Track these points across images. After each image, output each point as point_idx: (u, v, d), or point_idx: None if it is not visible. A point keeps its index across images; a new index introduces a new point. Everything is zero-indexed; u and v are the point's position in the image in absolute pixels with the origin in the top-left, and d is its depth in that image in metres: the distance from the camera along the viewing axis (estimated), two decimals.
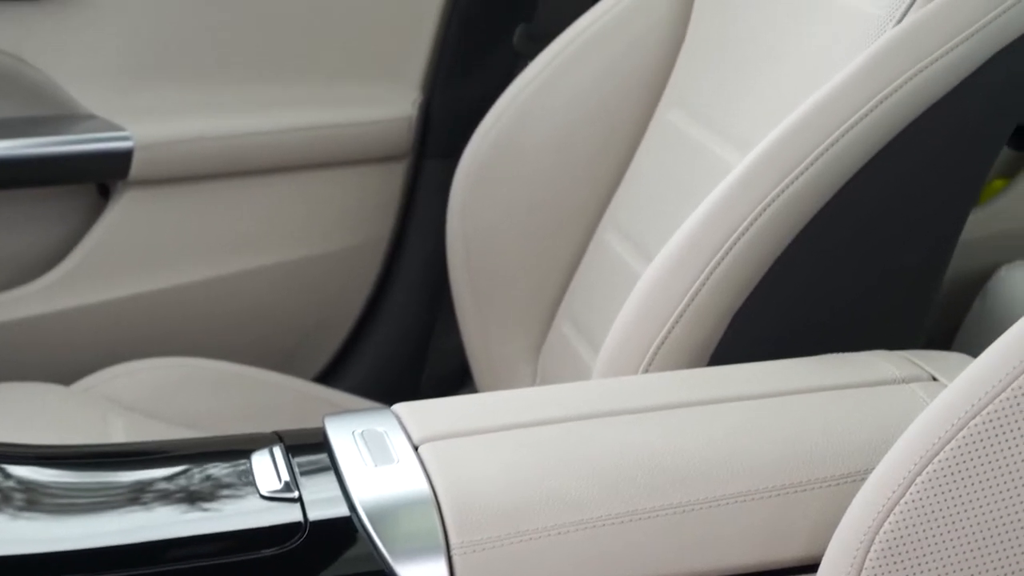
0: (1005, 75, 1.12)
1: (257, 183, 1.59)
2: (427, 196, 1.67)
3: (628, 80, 1.41)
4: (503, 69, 1.62)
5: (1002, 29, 1.08)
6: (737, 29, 1.29)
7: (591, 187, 1.43)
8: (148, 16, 1.49)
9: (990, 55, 1.08)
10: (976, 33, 1.07)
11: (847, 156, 1.05)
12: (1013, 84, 1.15)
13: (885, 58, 1.06)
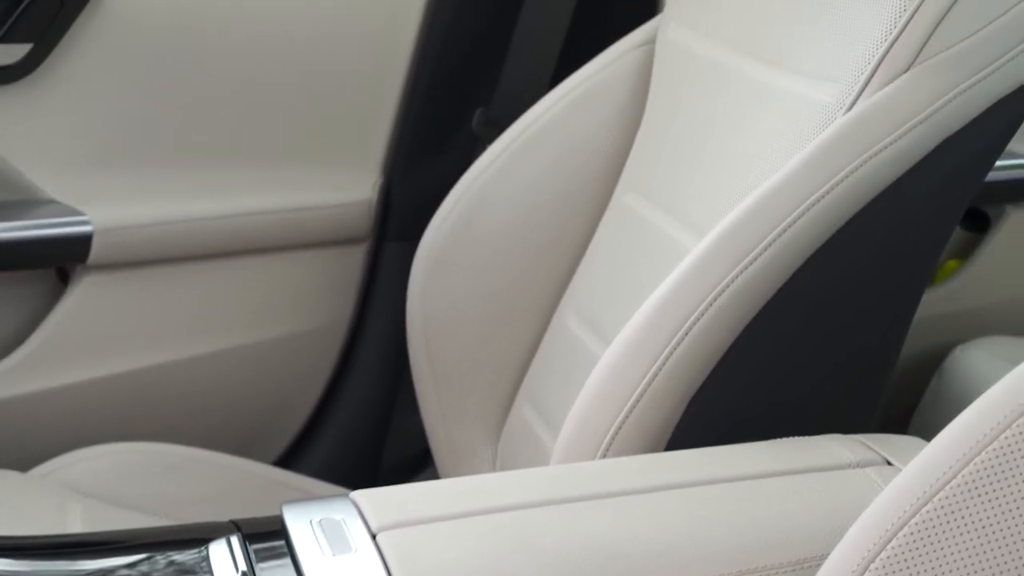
0: (955, 161, 1.14)
1: (216, 267, 1.59)
2: (387, 279, 1.67)
3: (585, 164, 1.42)
4: (462, 153, 1.63)
5: (949, 117, 1.10)
6: (691, 115, 1.31)
7: (550, 270, 1.44)
8: (108, 101, 1.50)
9: (939, 142, 1.10)
10: (924, 121, 1.09)
11: (800, 242, 1.06)
12: (963, 169, 1.17)
13: (836, 146, 1.08)
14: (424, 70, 1.61)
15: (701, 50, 1.32)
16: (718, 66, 1.29)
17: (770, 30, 1.24)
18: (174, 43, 1.51)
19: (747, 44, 1.26)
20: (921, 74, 1.09)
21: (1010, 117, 1.17)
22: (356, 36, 1.59)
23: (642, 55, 1.42)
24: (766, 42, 1.24)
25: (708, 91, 1.30)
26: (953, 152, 1.12)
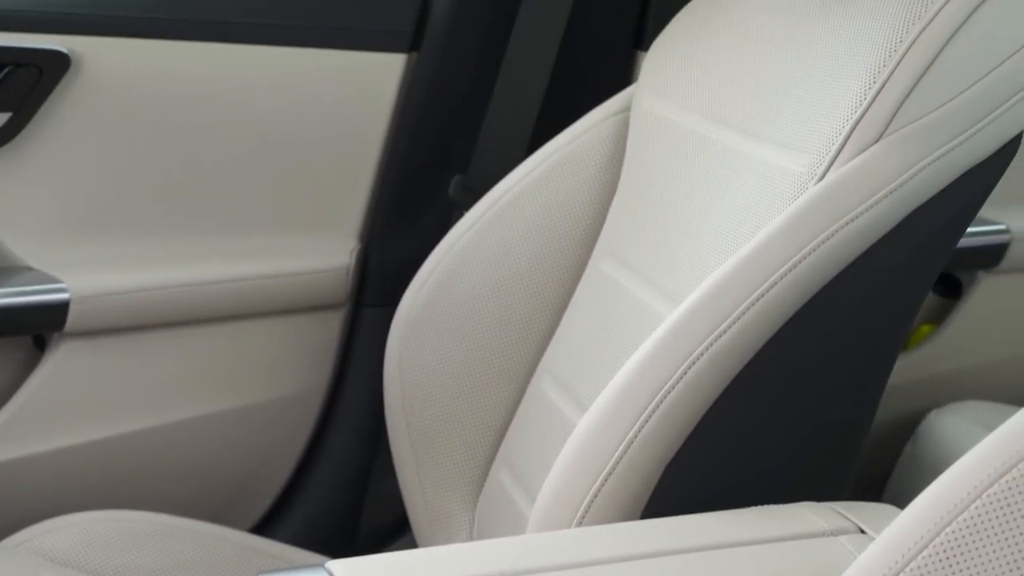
0: (925, 230, 1.15)
1: (193, 333, 1.59)
2: (364, 345, 1.68)
3: (562, 230, 1.43)
4: (439, 219, 1.64)
5: (919, 187, 1.11)
6: (665, 183, 1.32)
7: (527, 335, 1.45)
8: (86, 169, 1.51)
9: (909, 212, 1.12)
10: (894, 191, 1.10)
11: (772, 311, 1.07)
12: (934, 237, 1.18)
13: (807, 216, 1.09)
14: (402, 137, 1.63)
15: (675, 118, 1.33)
16: (692, 134, 1.31)
17: (743, 100, 1.26)
18: (152, 112, 1.52)
19: (720, 113, 1.28)
20: (891, 145, 1.11)
21: (980, 186, 1.18)
22: (334, 103, 1.60)
23: (617, 123, 1.43)
24: (739, 112, 1.26)
25: (682, 159, 1.32)
26: (924, 221, 1.14)
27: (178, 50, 1.51)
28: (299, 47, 1.56)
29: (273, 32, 1.55)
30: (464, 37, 1.61)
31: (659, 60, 1.40)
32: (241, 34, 1.53)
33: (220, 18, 1.53)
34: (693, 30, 1.37)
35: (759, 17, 1.29)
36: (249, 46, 1.54)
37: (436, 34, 1.60)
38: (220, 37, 1.52)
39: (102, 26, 1.48)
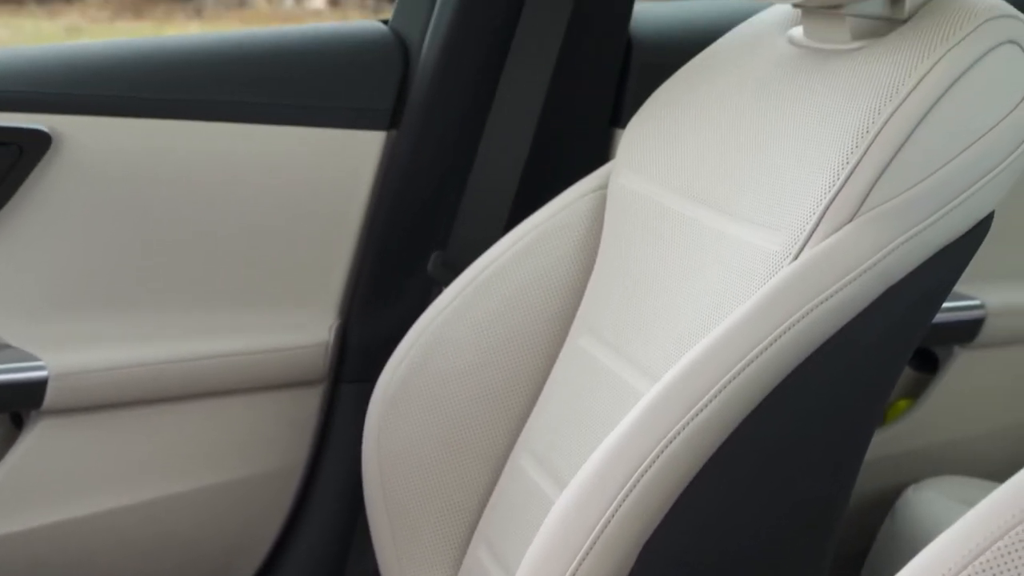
0: (900, 307, 1.16)
1: (171, 410, 1.59)
2: (343, 421, 1.67)
3: (540, 306, 1.44)
4: (418, 295, 1.65)
5: (893, 266, 1.13)
6: (643, 260, 1.33)
7: (505, 411, 1.45)
8: (65, 247, 1.51)
9: (883, 290, 1.13)
10: (868, 270, 1.11)
11: (749, 389, 1.08)
12: (909, 315, 1.19)
13: (782, 295, 1.10)
14: (381, 213, 1.64)
15: (652, 196, 1.35)
16: (669, 212, 1.32)
17: (719, 178, 1.27)
18: (132, 190, 1.52)
19: (697, 191, 1.29)
20: (864, 225, 1.12)
21: (954, 264, 1.20)
22: (313, 180, 1.61)
23: (595, 200, 1.44)
24: (715, 190, 1.27)
25: (659, 236, 1.33)
26: (898, 299, 1.15)
27: (158, 128, 1.52)
28: (279, 125, 1.57)
29: (252, 110, 1.56)
30: (443, 114, 1.62)
31: (636, 137, 1.41)
32: (220, 112, 1.54)
33: (199, 97, 1.54)
34: (670, 108, 1.39)
35: (734, 97, 1.31)
36: (228, 124, 1.55)
37: (415, 112, 1.61)
38: (199, 115, 1.53)
39: (83, 105, 1.49)
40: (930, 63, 1.14)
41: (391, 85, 1.62)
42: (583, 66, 1.65)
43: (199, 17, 4.76)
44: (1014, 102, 1.16)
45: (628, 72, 1.68)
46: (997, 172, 1.16)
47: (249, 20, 4.72)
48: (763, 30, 1.37)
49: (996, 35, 1.16)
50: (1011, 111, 1.16)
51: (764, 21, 1.39)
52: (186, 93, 1.53)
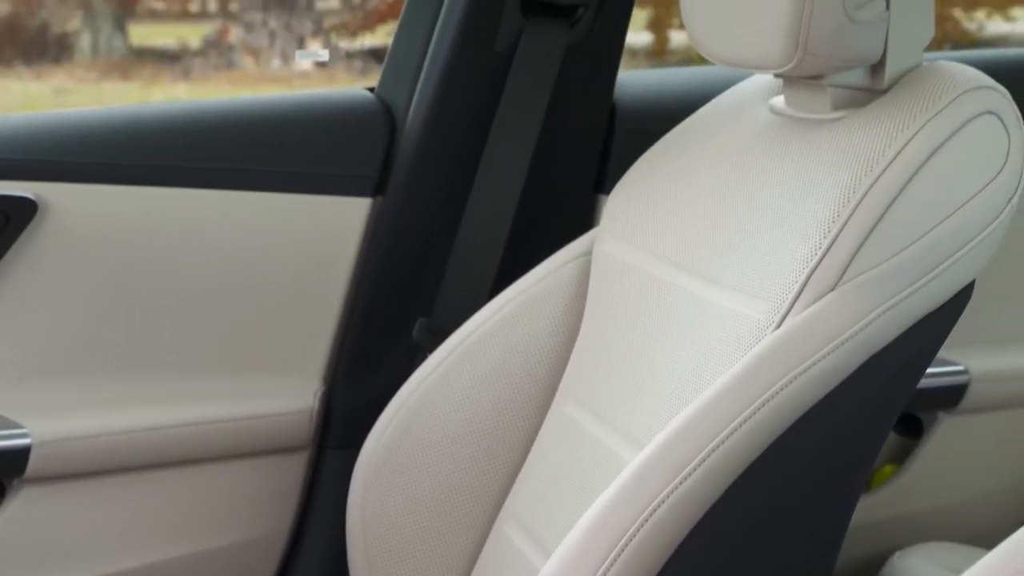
0: (883, 375, 1.17)
1: (155, 477, 1.58)
2: (327, 488, 1.67)
3: (525, 373, 1.44)
4: (403, 361, 1.64)
5: (875, 334, 1.13)
6: (627, 327, 1.34)
7: (491, 478, 1.45)
8: (49, 314, 1.51)
9: (866, 358, 1.14)
10: (851, 339, 1.12)
11: (733, 458, 1.08)
12: (892, 382, 1.20)
13: (765, 363, 1.11)
14: (366, 279, 1.64)
15: (637, 262, 1.35)
16: (653, 279, 1.33)
17: (702, 246, 1.28)
18: (117, 257, 1.53)
19: (681, 258, 1.30)
20: (846, 294, 1.13)
21: (936, 332, 1.20)
22: (299, 246, 1.61)
23: (579, 266, 1.45)
24: (699, 257, 1.28)
25: (643, 303, 1.33)
26: (882, 367, 1.15)
27: (144, 195, 1.52)
28: (265, 192, 1.58)
29: (238, 177, 1.57)
30: (429, 181, 1.63)
31: (620, 204, 1.42)
32: (206, 180, 1.55)
33: (185, 164, 1.54)
34: (653, 175, 1.40)
35: (717, 165, 1.32)
36: (214, 191, 1.56)
37: (401, 178, 1.62)
38: (185, 183, 1.54)
39: (69, 172, 1.49)
40: (909, 134, 1.16)
41: (377, 152, 1.63)
42: (568, 132, 1.67)
43: (186, 78, 4.78)
44: (993, 172, 1.17)
45: (612, 139, 1.69)
46: (977, 241, 1.17)
47: (237, 81, 4.75)
48: (745, 98, 1.38)
49: (974, 106, 1.17)
50: (990, 181, 1.17)
51: (746, 90, 1.40)
52: (172, 160, 1.54)
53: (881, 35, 1.21)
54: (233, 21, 4.88)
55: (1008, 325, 1.85)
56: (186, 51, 4.91)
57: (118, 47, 4.72)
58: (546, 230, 1.65)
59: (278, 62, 5.01)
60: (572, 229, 1.55)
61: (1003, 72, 1.36)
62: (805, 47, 1.17)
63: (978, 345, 1.81)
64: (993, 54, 2.09)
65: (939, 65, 1.23)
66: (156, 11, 5.04)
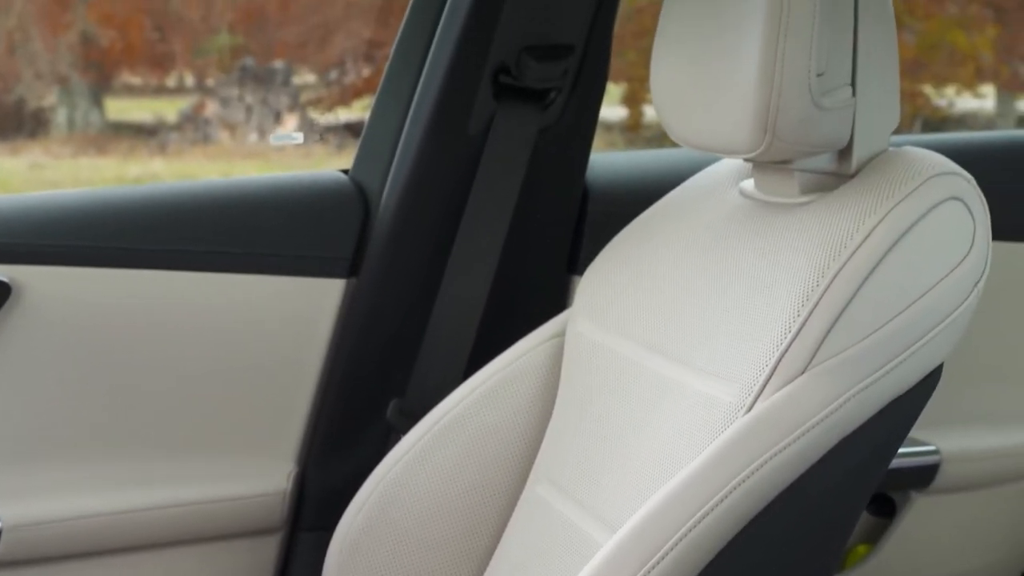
0: (854, 457, 1.17)
1: (127, 561, 1.57)
2: (300, 571, 1.66)
3: (499, 454, 1.44)
4: (377, 443, 1.64)
5: (845, 418, 1.14)
6: (600, 408, 1.34)
7: (464, 560, 1.44)
8: (20, 396, 1.51)
9: (836, 442, 1.14)
10: (821, 422, 1.13)
11: (704, 542, 1.08)
12: (864, 464, 1.21)
13: (736, 447, 1.11)
14: (340, 361, 1.64)
15: (609, 344, 1.36)
16: (625, 360, 1.33)
17: (675, 328, 1.29)
18: (91, 339, 1.53)
19: (653, 341, 1.31)
20: (816, 377, 1.14)
21: (906, 414, 1.21)
22: (273, 328, 1.62)
23: (553, 348, 1.46)
24: (671, 340, 1.28)
25: (616, 385, 1.34)
26: (852, 450, 1.16)
27: (117, 278, 1.53)
28: (239, 273, 1.58)
29: (212, 259, 1.57)
30: (402, 263, 1.64)
31: (593, 285, 1.43)
32: (180, 262, 1.56)
33: (159, 247, 1.55)
34: (625, 257, 1.41)
35: (688, 247, 1.33)
36: (188, 273, 1.56)
37: (375, 260, 1.63)
38: (159, 265, 1.55)
39: (43, 255, 1.50)
40: (877, 219, 1.17)
41: (351, 234, 1.64)
42: (540, 214, 1.68)
43: (163, 153, 4.80)
44: (959, 257, 1.19)
45: (584, 220, 1.71)
46: (945, 325, 1.18)
47: (213, 156, 4.76)
48: (715, 182, 1.40)
49: (940, 192, 1.19)
50: (956, 266, 1.18)
51: (717, 172, 1.42)
52: (146, 243, 1.54)
53: (848, 121, 1.22)
54: (210, 96, 4.91)
55: (979, 405, 1.87)
56: (162, 125, 4.93)
57: (95, 122, 4.74)
58: (519, 311, 1.66)
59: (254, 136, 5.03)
60: (545, 310, 1.56)
61: (967, 155, 1.38)
62: (773, 133, 1.18)
63: (949, 425, 1.82)
64: (957, 137, 2.12)
65: (905, 151, 1.25)
66: (133, 86, 5.06)
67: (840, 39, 1.20)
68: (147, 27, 4.78)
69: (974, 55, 4.96)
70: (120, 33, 4.67)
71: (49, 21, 4.59)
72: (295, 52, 5.06)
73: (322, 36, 5.05)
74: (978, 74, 5.12)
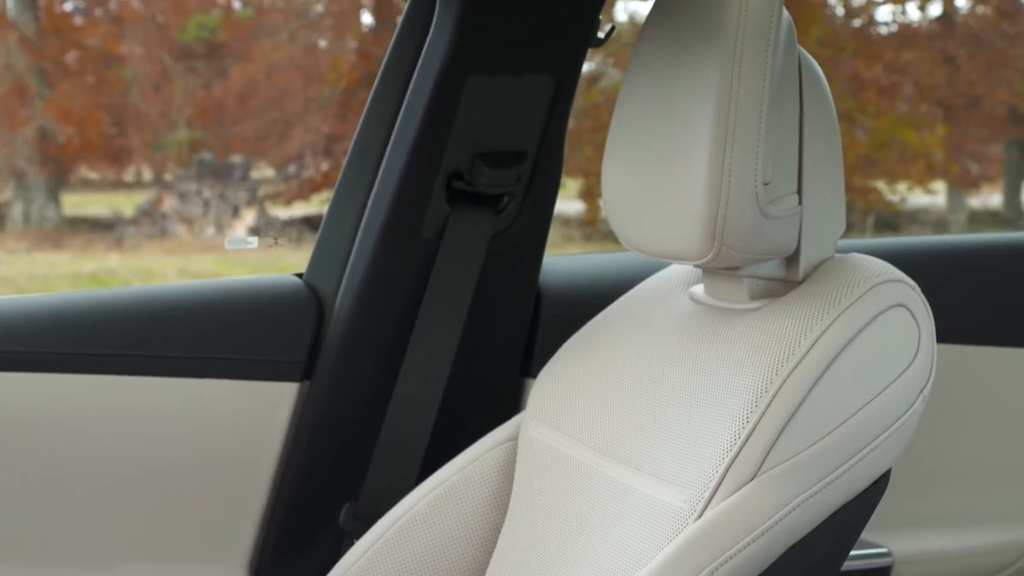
0: (806, 562, 1.18)
1: None
2: None
3: (452, 559, 1.44)
4: (330, 548, 1.64)
5: (795, 523, 1.15)
6: (553, 512, 1.34)
7: None
8: None
9: (789, 546, 1.15)
10: (771, 528, 1.13)
11: None
12: (816, 568, 1.21)
13: (688, 553, 1.12)
14: (293, 465, 1.64)
15: (562, 448, 1.36)
16: (577, 466, 1.34)
17: (626, 432, 1.29)
18: (40, 445, 1.52)
19: (605, 445, 1.31)
20: (766, 483, 1.15)
21: (855, 519, 1.22)
22: (225, 432, 1.61)
23: (506, 451, 1.46)
24: (623, 444, 1.29)
25: (569, 489, 1.34)
26: (803, 555, 1.16)
27: (69, 383, 1.52)
28: (191, 378, 1.58)
29: (165, 364, 1.57)
30: (356, 366, 1.64)
31: (546, 389, 1.43)
32: (132, 366, 1.55)
33: (111, 351, 1.55)
34: (578, 361, 1.42)
35: (640, 352, 1.34)
36: (140, 377, 1.56)
37: (329, 364, 1.63)
38: (110, 370, 1.54)
39: None
40: (824, 325, 1.19)
41: (305, 337, 1.64)
42: (494, 317, 1.69)
43: (119, 248, 4.79)
44: (905, 364, 1.20)
45: (538, 323, 1.72)
46: (892, 431, 1.19)
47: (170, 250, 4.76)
48: (667, 286, 1.41)
49: (886, 299, 1.21)
50: (902, 372, 1.20)
51: (667, 277, 1.43)
52: (99, 348, 1.54)
53: (794, 229, 1.24)
54: (168, 190, 4.92)
55: (930, 507, 1.88)
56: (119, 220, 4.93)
57: (51, 216, 4.73)
58: (473, 414, 1.66)
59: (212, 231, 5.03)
60: (499, 413, 1.56)
61: (911, 260, 1.41)
62: (722, 241, 1.20)
63: (901, 527, 1.83)
64: (901, 242, 2.16)
65: (851, 258, 1.27)
66: (90, 180, 5.06)
67: (786, 148, 1.22)
68: (105, 122, 4.80)
69: (925, 152, 5.05)
70: (78, 128, 4.69)
71: (6, 116, 4.60)
72: (254, 146, 5.09)
73: (281, 131, 5.08)
74: (929, 171, 5.21)
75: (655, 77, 1.24)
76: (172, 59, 4.85)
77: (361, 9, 5.20)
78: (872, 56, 4.98)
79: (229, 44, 5.00)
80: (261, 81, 5.02)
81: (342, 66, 4.98)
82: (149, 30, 4.89)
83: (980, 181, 5.41)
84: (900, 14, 5.31)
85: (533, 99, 1.62)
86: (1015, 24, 5.19)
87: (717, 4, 1.19)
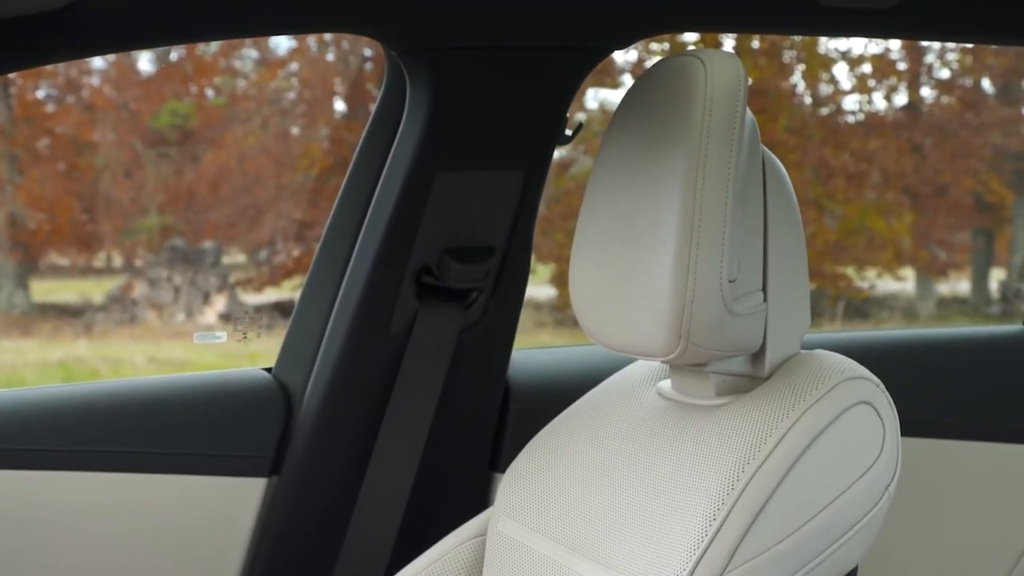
0: None
1: None
2: None
3: None
4: None
5: None
6: None
7: None
8: None
9: None
10: None
11: None
12: None
13: None
14: (260, 560, 1.63)
15: (530, 544, 1.36)
16: (546, 561, 1.33)
17: (595, 529, 1.29)
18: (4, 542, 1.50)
19: (573, 540, 1.31)
20: None
21: None
22: (192, 527, 1.60)
23: (474, 547, 1.45)
24: (591, 540, 1.28)
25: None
26: None
27: (34, 480, 1.51)
28: (158, 474, 1.57)
29: (132, 460, 1.56)
30: (324, 461, 1.64)
31: (514, 484, 1.43)
32: (100, 463, 1.55)
33: (78, 447, 1.54)
34: (546, 455, 1.41)
35: (608, 448, 1.34)
36: (107, 474, 1.55)
37: (297, 458, 1.62)
38: (78, 467, 1.53)
39: None
40: (790, 421, 1.19)
41: (273, 432, 1.63)
42: (462, 411, 1.69)
43: (88, 334, 4.76)
44: (870, 461, 1.21)
45: (506, 417, 1.72)
46: (859, 527, 1.19)
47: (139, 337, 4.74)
48: (634, 382, 1.41)
49: (850, 396, 1.21)
50: (867, 470, 1.20)
51: (635, 372, 1.43)
52: (64, 444, 1.53)
53: (760, 326, 1.25)
54: (138, 276, 4.91)
55: None
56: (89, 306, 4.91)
57: (19, 303, 4.71)
58: (441, 508, 1.66)
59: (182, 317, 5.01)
60: (467, 508, 1.56)
61: (876, 354, 1.41)
62: (687, 338, 1.21)
63: None
64: (866, 336, 2.17)
65: (816, 354, 1.27)
66: (60, 267, 5.05)
67: (751, 246, 1.24)
68: (76, 209, 4.80)
69: (893, 239, 5.09)
70: (48, 214, 4.68)
71: None
72: (225, 232, 5.10)
73: (252, 216, 5.09)
74: (897, 258, 5.25)
75: (622, 174, 1.25)
76: (144, 145, 4.86)
77: (334, 96, 5.24)
78: (840, 144, 5.04)
79: (201, 131, 5.02)
80: (233, 167, 5.03)
81: (314, 153, 5.00)
82: (121, 117, 4.91)
83: (948, 268, 5.45)
84: (867, 103, 5.38)
85: (501, 195, 1.63)
86: (979, 115, 5.27)
87: (683, 104, 1.20)
